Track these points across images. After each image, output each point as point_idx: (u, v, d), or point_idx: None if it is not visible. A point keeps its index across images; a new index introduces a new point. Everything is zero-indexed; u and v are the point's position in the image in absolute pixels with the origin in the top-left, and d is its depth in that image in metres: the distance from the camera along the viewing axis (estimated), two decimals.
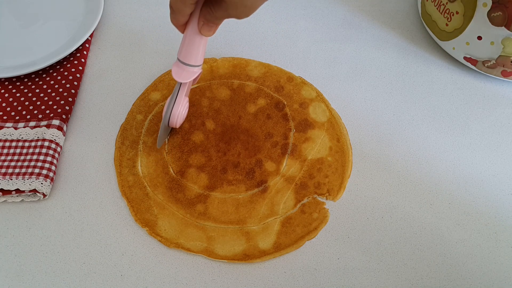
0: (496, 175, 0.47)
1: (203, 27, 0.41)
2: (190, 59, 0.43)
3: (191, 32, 0.41)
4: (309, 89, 0.53)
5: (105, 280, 0.42)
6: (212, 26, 0.41)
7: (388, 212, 0.45)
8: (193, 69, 0.43)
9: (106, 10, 0.62)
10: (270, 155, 0.48)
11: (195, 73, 0.43)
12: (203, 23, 0.41)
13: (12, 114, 0.51)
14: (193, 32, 0.41)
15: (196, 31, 0.41)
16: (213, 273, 0.42)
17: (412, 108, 0.52)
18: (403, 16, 0.61)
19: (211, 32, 0.42)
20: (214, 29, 0.42)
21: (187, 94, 0.47)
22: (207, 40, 0.43)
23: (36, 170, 0.45)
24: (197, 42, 0.42)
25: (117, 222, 0.45)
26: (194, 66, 0.43)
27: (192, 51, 0.42)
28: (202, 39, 0.42)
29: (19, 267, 0.42)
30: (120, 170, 0.47)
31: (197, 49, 0.42)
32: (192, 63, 0.43)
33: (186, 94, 0.47)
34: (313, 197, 0.45)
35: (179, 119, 0.47)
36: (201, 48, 0.43)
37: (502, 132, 0.50)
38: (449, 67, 0.56)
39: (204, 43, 0.42)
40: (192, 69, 0.43)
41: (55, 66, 0.55)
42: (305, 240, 0.43)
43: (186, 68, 0.43)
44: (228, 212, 0.45)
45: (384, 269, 0.42)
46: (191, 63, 0.43)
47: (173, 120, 0.46)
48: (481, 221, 0.45)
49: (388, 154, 0.49)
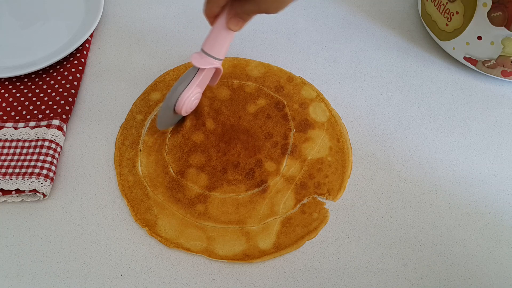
0: (496, 175, 0.47)
1: (231, 21, 0.42)
2: (212, 50, 0.43)
3: (219, 25, 0.42)
4: (309, 89, 0.53)
5: (105, 280, 0.42)
6: (240, 21, 0.42)
7: (388, 212, 0.45)
8: (213, 60, 0.43)
9: (106, 10, 0.62)
10: (270, 155, 0.48)
11: (214, 64, 0.43)
12: (232, 16, 0.42)
13: (12, 114, 0.51)
14: (221, 25, 0.42)
15: (224, 25, 0.42)
16: (213, 273, 0.42)
17: (412, 108, 0.52)
18: (403, 16, 0.61)
19: (237, 26, 0.42)
20: (242, 24, 0.42)
21: (201, 86, 0.46)
22: (233, 36, 0.43)
23: (36, 170, 0.45)
24: (223, 36, 0.43)
25: (117, 222, 0.45)
26: (215, 59, 0.43)
27: (216, 43, 0.43)
28: (228, 34, 0.43)
29: (19, 267, 0.42)
30: (120, 170, 0.47)
31: (221, 42, 0.43)
32: (214, 54, 0.43)
33: (200, 86, 0.46)
34: (313, 197, 0.45)
35: (186, 105, 0.46)
36: (225, 43, 0.43)
37: (502, 132, 0.50)
38: (449, 67, 0.56)
39: (229, 38, 0.43)
40: (212, 60, 0.43)
41: (55, 66, 0.55)
42: (305, 240, 0.43)
43: (206, 58, 0.43)
44: (228, 212, 0.45)
45: (384, 269, 0.42)
46: (212, 54, 0.43)
47: (179, 104, 0.45)
48: (481, 221, 0.45)
49: (388, 154, 0.49)
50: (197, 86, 0.45)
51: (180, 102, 0.45)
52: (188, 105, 0.46)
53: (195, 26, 0.60)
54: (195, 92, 0.46)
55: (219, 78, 0.48)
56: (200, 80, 0.45)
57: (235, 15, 0.42)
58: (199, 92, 0.46)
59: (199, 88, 0.46)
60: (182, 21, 0.61)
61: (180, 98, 0.45)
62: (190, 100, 0.46)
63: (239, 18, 0.42)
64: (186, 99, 0.45)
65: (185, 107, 0.46)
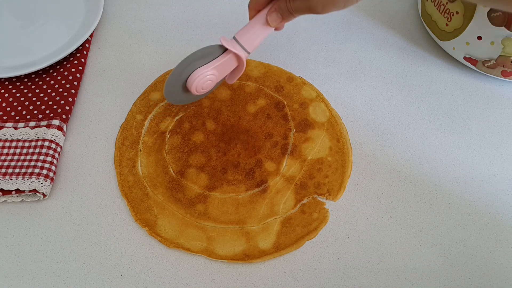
0: (496, 175, 0.47)
1: (271, 14, 0.42)
2: (242, 39, 0.43)
3: (258, 18, 0.42)
4: (309, 89, 0.53)
5: (105, 280, 0.42)
6: (279, 17, 0.42)
7: (388, 212, 0.45)
8: (241, 49, 0.43)
9: (106, 10, 0.62)
10: (270, 155, 0.48)
11: (240, 55, 0.43)
12: (273, 11, 0.42)
13: (12, 114, 0.51)
14: (260, 18, 0.42)
15: (263, 19, 0.42)
16: (213, 273, 0.42)
17: (412, 108, 0.52)
18: (403, 16, 0.61)
19: (276, 22, 0.42)
20: (280, 21, 0.42)
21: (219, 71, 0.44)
22: (268, 32, 0.43)
23: (36, 170, 0.45)
24: (258, 30, 0.43)
25: (117, 222, 0.45)
26: (243, 49, 0.43)
27: (249, 34, 0.43)
28: (264, 29, 0.43)
29: (19, 267, 0.42)
30: (120, 170, 0.47)
31: (254, 34, 0.43)
32: (243, 43, 0.43)
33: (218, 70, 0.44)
34: (313, 197, 0.45)
35: (197, 83, 0.43)
36: (258, 36, 0.43)
37: (502, 132, 0.50)
38: (449, 67, 0.56)
39: (264, 33, 0.43)
40: (240, 48, 0.43)
41: (55, 66, 0.55)
42: (305, 240, 0.43)
43: (235, 44, 0.43)
44: (228, 212, 0.45)
45: (384, 269, 0.42)
46: (242, 43, 0.43)
47: (191, 79, 0.43)
48: (481, 221, 0.45)
49: (388, 154, 0.49)
50: (215, 69, 0.43)
51: (193, 77, 0.43)
52: (200, 84, 0.44)
53: (195, 26, 0.60)
54: (211, 73, 0.44)
55: (239, 76, 0.47)
56: (221, 63, 0.43)
57: (277, 10, 0.41)
58: (215, 75, 0.44)
59: (217, 72, 0.44)
60: (182, 21, 0.61)
61: (194, 73, 0.43)
62: (204, 79, 0.43)
63: (280, 14, 0.41)
64: (200, 76, 0.43)
65: (196, 85, 0.44)
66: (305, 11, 0.40)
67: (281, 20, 0.42)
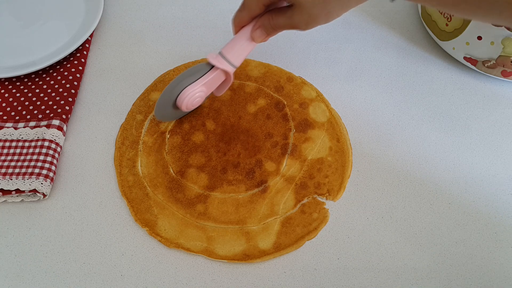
0: (496, 175, 0.47)
1: (256, 31, 0.43)
2: (229, 54, 0.44)
3: (242, 33, 0.44)
4: (309, 89, 0.53)
5: (105, 280, 0.42)
6: (264, 33, 0.43)
7: (388, 212, 0.45)
8: (228, 64, 0.44)
9: (106, 10, 0.62)
10: (270, 155, 0.48)
11: (228, 68, 0.44)
12: (258, 27, 0.43)
13: (12, 114, 0.51)
14: (245, 34, 0.43)
15: (248, 34, 0.43)
16: (213, 273, 0.42)
17: (412, 108, 0.52)
18: (403, 16, 0.61)
19: (261, 38, 0.43)
20: (265, 38, 0.44)
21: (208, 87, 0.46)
22: (253, 47, 0.44)
23: (36, 170, 0.45)
24: (244, 45, 0.44)
25: (117, 222, 0.45)
26: (230, 64, 0.44)
27: (235, 49, 0.44)
28: (249, 44, 0.44)
29: (19, 267, 0.42)
30: (120, 170, 0.47)
31: (240, 50, 0.44)
32: (230, 58, 0.44)
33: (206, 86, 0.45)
34: (313, 197, 0.45)
35: (187, 101, 0.45)
36: (244, 51, 0.44)
37: (502, 132, 0.50)
38: (449, 67, 0.56)
39: (249, 48, 0.44)
40: (226, 63, 0.44)
41: (55, 66, 0.55)
42: (305, 240, 0.43)
43: (222, 60, 0.44)
44: (228, 212, 0.45)
45: (384, 269, 0.42)
46: (228, 58, 0.44)
47: (181, 97, 0.45)
48: (481, 221, 0.45)
49: (388, 154, 0.49)
50: (204, 85, 0.45)
51: (183, 95, 0.45)
52: (190, 102, 0.46)
53: (195, 26, 0.60)
54: (200, 90, 0.45)
55: (226, 88, 0.48)
56: (209, 80, 0.45)
57: (261, 26, 0.43)
58: (204, 91, 0.46)
59: (205, 88, 0.46)
60: (182, 21, 0.61)
61: (183, 92, 0.45)
62: (194, 96, 0.45)
63: (264, 31, 0.43)
64: (189, 94, 0.45)
65: (186, 103, 0.45)
66: (288, 27, 0.41)
67: (266, 36, 0.43)
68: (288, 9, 0.40)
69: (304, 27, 0.40)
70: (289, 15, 0.40)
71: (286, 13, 0.40)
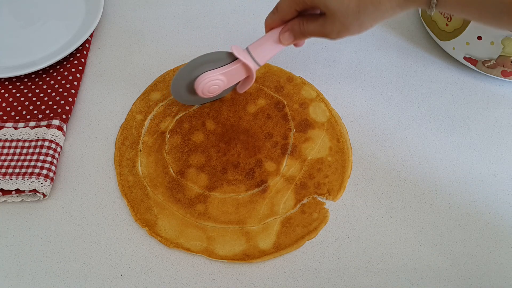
0: (496, 175, 0.47)
1: (284, 34, 0.43)
2: (254, 51, 0.44)
3: (271, 34, 0.44)
4: (309, 89, 0.53)
5: (105, 280, 0.42)
6: (292, 37, 0.43)
7: (388, 212, 0.45)
8: (252, 60, 0.44)
9: (106, 10, 0.62)
10: (270, 155, 0.48)
11: (251, 64, 0.44)
12: (287, 30, 0.43)
13: (12, 114, 0.51)
14: (274, 35, 0.43)
15: (276, 36, 0.43)
16: (213, 273, 0.42)
17: (412, 108, 0.52)
18: (403, 16, 0.61)
19: (288, 41, 0.44)
20: (292, 41, 0.44)
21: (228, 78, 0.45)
22: (279, 49, 0.44)
23: (36, 170, 0.45)
24: (270, 45, 0.44)
25: (117, 222, 0.45)
26: (254, 61, 0.44)
27: (261, 48, 0.44)
28: (276, 45, 0.44)
29: (19, 267, 0.42)
30: (120, 170, 0.47)
31: (266, 49, 0.44)
32: (254, 55, 0.44)
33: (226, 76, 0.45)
34: (313, 197, 0.45)
35: (203, 86, 0.45)
36: (270, 51, 0.44)
37: (502, 132, 0.50)
38: (449, 67, 0.56)
39: (275, 49, 0.44)
40: (251, 59, 0.44)
41: (55, 66, 0.55)
42: (305, 240, 0.43)
43: (246, 54, 0.44)
44: (228, 212, 0.45)
45: (384, 269, 0.42)
46: (253, 55, 0.44)
47: (198, 81, 0.45)
48: (481, 221, 0.45)
49: (388, 154, 0.49)
50: (223, 75, 0.45)
51: (201, 79, 0.45)
52: (206, 88, 0.45)
53: (195, 26, 0.60)
54: (218, 78, 0.45)
55: (248, 87, 0.49)
56: (229, 71, 0.45)
57: (290, 30, 0.43)
58: (222, 82, 0.46)
59: (224, 78, 0.45)
60: (182, 21, 0.61)
61: (202, 75, 0.45)
62: (211, 83, 0.45)
63: (293, 35, 0.43)
64: (207, 79, 0.45)
65: (202, 87, 0.45)
66: (318, 34, 0.41)
67: (293, 40, 0.43)
68: (320, 16, 0.40)
69: (334, 36, 0.40)
70: (321, 23, 0.40)
71: (317, 21, 0.40)
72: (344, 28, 0.39)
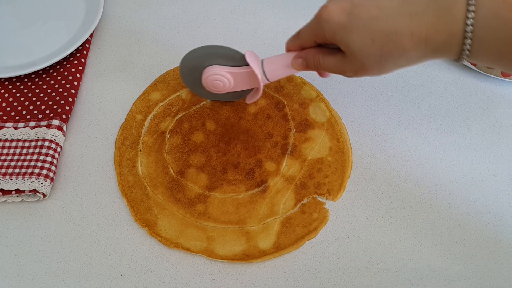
0: (496, 175, 0.47)
1: (297, 60, 0.42)
2: (267, 67, 0.44)
3: (286, 56, 0.43)
4: (309, 89, 0.53)
5: (105, 280, 0.42)
6: (304, 65, 0.42)
7: (388, 212, 0.45)
8: (261, 73, 0.44)
9: (106, 10, 0.62)
10: (270, 155, 0.48)
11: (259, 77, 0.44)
12: (300, 56, 0.42)
13: (12, 114, 0.51)
14: (288, 58, 0.43)
15: (290, 60, 0.43)
16: (213, 273, 0.42)
17: (412, 108, 0.52)
18: None
19: (299, 68, 0.43)
20: (303, 69, 0.42)
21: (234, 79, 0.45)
22: (289, 73, 0.44)
23: (36, 170, 0.45)
24: (282, 66, 0.43)
25: (117, 222, 0.45)
26: (264, 74, 0.44)
27: (273, 65, 0.44)
28: (287, 68, 0.43)
29: (19, 267, 0.42)
30: (120, 170, 0.47)
31: (277, 67, 0.44)
32: (266, 70, 0.44)
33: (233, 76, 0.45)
34: (313, 197, 0.45)
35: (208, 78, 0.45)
36: (280, 72, 0.44)
37: (502, 132, 0.50)
38: (449, 67, 0.56)
39: (286, 71, 0.44)
40: (261, 71, 0.44)
41: (55, 66, 0.55)
42: (305, 240, 0.43)
43: (258, 65, 0.44)
44: (228, 212, 0.45)
45: (384, 269, 0.42)
46: (265, 69, 0.44)
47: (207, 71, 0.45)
48: (481, 221, 0.45)
49: (388, 154, 0.49)
50: (231, 74, 0.45)
51: (209, 70, 0.45)
52: (209, 80, 0.46)
53: (195, 26, 0.60)
54: (224, 76, 0.45)
55: (256, 99, 0.48)
56: (238, 73, 0.45)
57: (304, 58, 0.42)
58: (228, 80, 0.45)
59: (231, 78, 0.45)
60: (182, 21, 0.61)
61: (211, 67, 0.45)
62: (215, 77, 0.45)
63: (305, 63, 0.42)
64: (213, 73, 0.45)
65: (206, 78, 0.46)
66: (334, 71, 0.40)
67: (305, 68, 0.42)
68: (338, 52, 0.38)
69: (351, 75, 0.39)
70: (339, 60, 0.38)
71: (336, 56, 0.39)
72: (363, 69, 0.37)
